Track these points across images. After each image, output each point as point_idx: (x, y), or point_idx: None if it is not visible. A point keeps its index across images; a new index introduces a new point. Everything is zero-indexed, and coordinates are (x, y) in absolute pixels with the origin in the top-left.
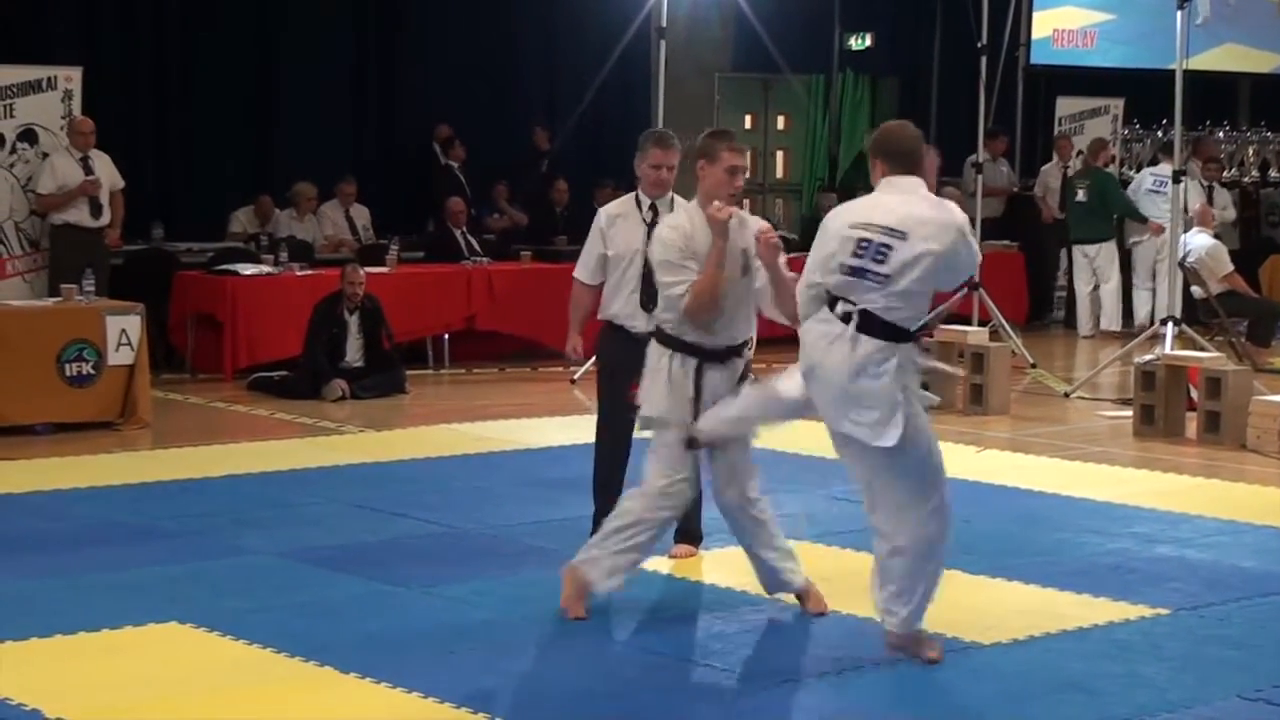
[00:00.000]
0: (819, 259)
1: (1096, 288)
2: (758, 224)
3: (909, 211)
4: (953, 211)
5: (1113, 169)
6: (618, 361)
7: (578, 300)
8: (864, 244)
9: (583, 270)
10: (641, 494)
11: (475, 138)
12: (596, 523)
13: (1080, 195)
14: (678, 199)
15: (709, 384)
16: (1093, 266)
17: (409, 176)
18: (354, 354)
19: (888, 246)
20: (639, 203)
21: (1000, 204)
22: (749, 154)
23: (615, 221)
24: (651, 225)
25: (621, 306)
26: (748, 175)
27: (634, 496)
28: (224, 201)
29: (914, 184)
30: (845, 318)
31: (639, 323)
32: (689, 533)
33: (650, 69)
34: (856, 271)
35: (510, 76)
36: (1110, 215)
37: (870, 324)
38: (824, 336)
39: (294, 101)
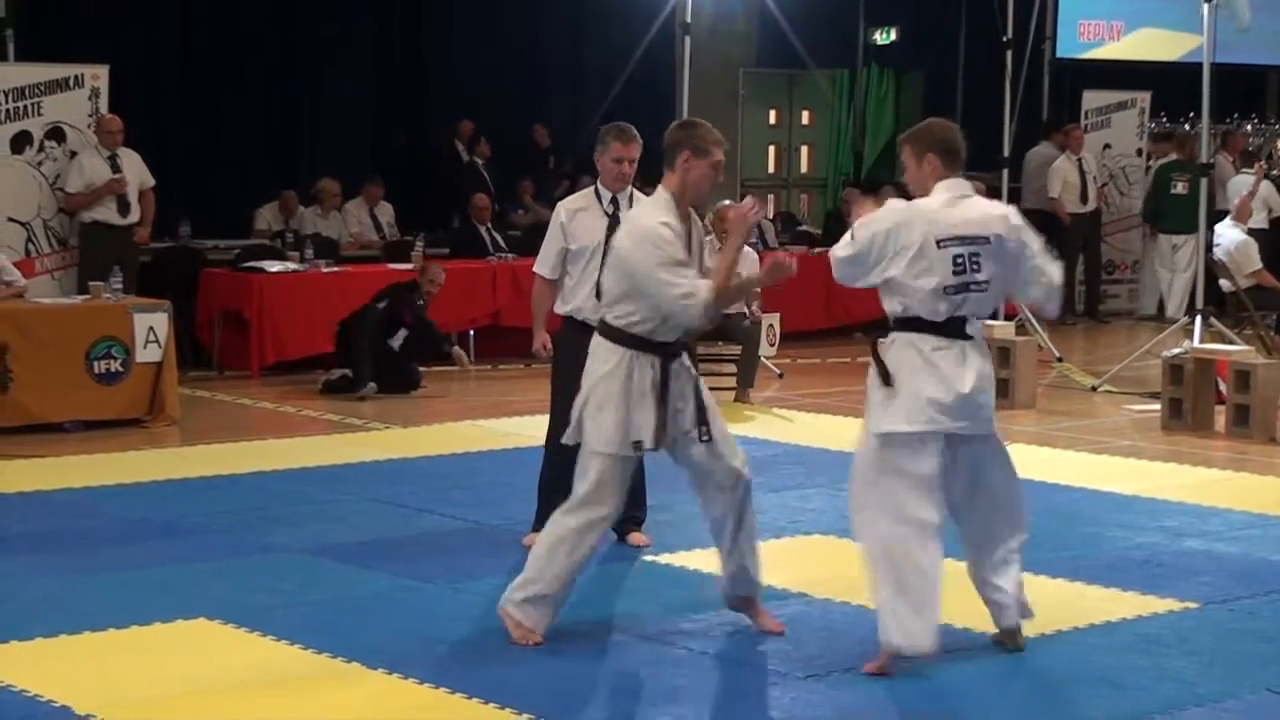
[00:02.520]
0: (922, 281)
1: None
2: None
3: (983, 213)
4: (1006, 208)
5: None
6: (581, 359)
7: (541, 296)
8: (959, 260)
9: (544, 265)
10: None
11: (500, 134)
12: (541, 522)
13: (1179, 187)
14: (637, 193)
15: (674, 381)
16: (1174, 256)
17: (434, 173)
18: (397, 341)
19: (977, 254)
20: (599, 196)
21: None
22: (772, 149)
23: (576, 215)
24: (613, 218)
25: (585, 301)
26: (771, 170)
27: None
28: (250, 199)
29: (968, 185)
30: (963, 332)
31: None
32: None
33: (674, 64)
34: (963, 288)
35: (534, 73)
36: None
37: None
38: (952, 359)
39: (319, 99)
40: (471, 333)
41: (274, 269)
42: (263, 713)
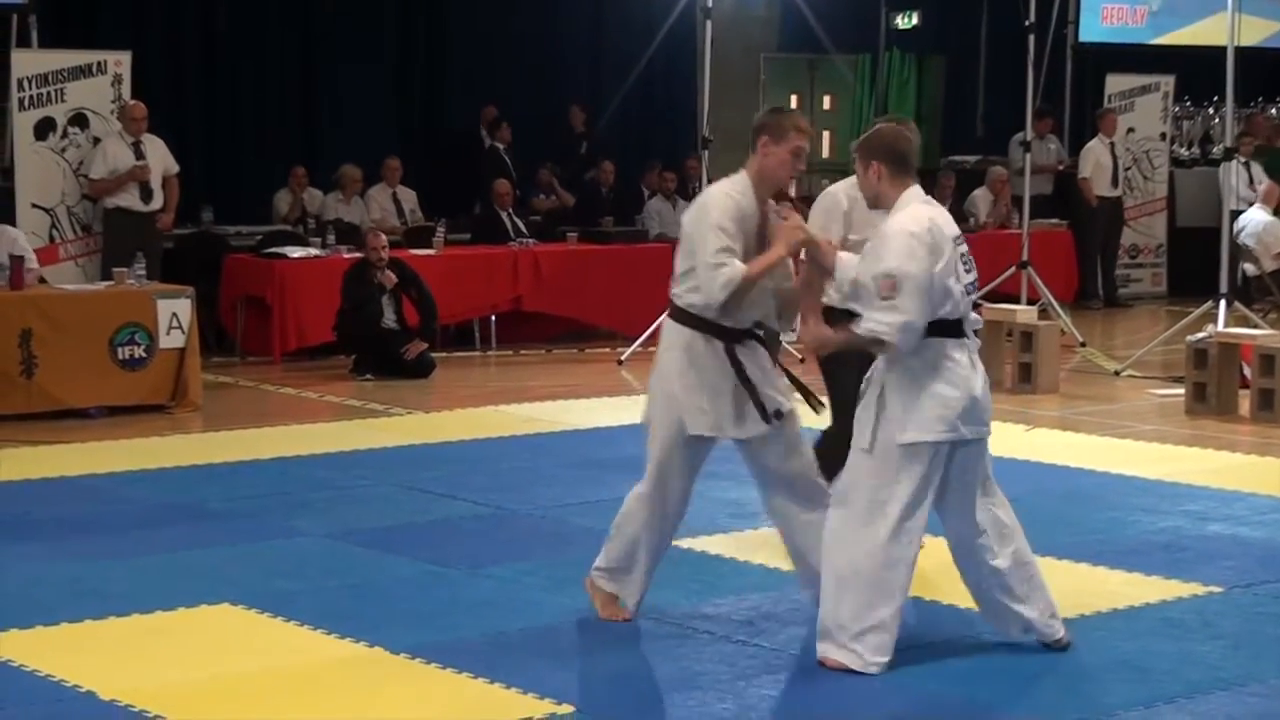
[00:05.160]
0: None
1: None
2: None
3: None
4: None
5: None
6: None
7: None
8: (965, 258)
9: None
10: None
11: (521, 119)
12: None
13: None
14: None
15: (748, 361)
16: None
17: (455, 159)
18: (390, 317)
19: (967, 253)
20: None
21: (1048, 182)
22: None
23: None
24: None
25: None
26: None
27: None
28: (272, 185)
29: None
30: (965, 331)
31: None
32: None
33: (696, 49)
34: (972, 286)
35: (556, 58)
36: None
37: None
38: (966, 361)
39: (341, 85)
40: (493, 318)
41: (296, 255)
42: (285, 698)
